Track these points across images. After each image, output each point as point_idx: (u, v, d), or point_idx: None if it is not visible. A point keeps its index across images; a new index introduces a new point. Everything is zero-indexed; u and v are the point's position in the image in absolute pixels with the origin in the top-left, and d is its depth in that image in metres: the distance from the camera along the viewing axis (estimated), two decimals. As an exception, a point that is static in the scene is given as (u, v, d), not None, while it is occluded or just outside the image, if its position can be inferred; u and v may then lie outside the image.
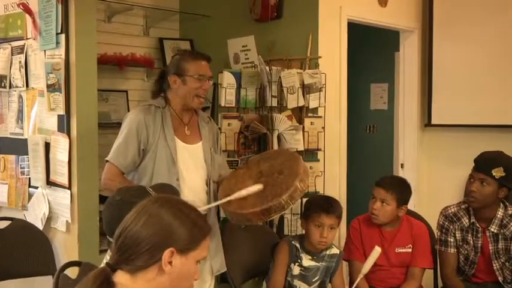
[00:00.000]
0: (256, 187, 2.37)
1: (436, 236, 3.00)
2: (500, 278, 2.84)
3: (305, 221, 2.76)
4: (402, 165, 4.41)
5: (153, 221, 1.41)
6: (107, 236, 1.84)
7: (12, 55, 3.12)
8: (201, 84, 2.51)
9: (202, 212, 1.59)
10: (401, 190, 2.90)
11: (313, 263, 2.75)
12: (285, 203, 2.29)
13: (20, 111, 3.13)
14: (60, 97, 2.83)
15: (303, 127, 3.35)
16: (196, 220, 1.46)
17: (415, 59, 4.32)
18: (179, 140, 2.53)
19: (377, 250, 2.53)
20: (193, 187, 2.50)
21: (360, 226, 2.96)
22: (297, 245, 2.76)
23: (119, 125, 2.59)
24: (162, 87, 2.60)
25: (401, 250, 2.91)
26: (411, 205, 3.08)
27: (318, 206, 2.72)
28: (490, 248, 2.83)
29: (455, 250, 2.91)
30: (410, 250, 2.91)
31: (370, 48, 5.09)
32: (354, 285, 2.55)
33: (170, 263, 1.40)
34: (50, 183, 2.96)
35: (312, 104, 3.39)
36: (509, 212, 2.83)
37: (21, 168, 3.11)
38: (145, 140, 2.46)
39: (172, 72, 2.53)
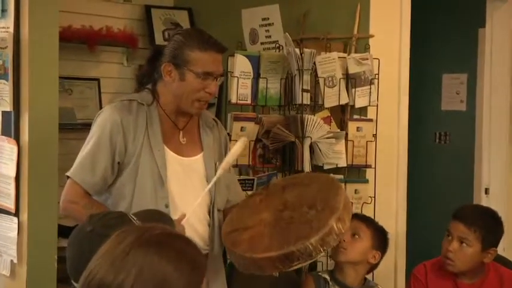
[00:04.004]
0: (242, 142, 2.56)
1: (535, 293, 2.98)
2: None
3: None
4: (487, 191, 4.37)
5: (137, 269, 1.38)
6: (72, 282, 1.83)
7: None
8: (206, 84, 2.50)
9: (203, 251, 1.58)
10: (489, 226, 2.89)
11: None
12: (314, 249, 2.28)
13: (-49, 105, 3.16)
14: (6, 87, 2.85)
15: (346, 134, 3.35)
16: (194, 258, 1.45)
17: (507, 39, 4.28)
18: (171, 150, 2.54)
19: None
20: (189, 217, 2.50)
21: (427, 276, 2.95)
22: (326, 276, 2.83)
23: (86, 126, 2.61)
24: (152, 74, 2.59)
25: (486, 312, 2.90)
26: (500, 248, 3.06)
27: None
28: None
29: (562, 314, 2.89)
30: (498, 312, 2.91)
31: (444, 24, 5.06)
32: None
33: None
34: (-11, 207, 2.98)
35: (359, 102, 3.39)
36: None
37: (-50, 185, 3.14)
38: (122, 150, 2.47)
39: (167, 59, 2.51)
